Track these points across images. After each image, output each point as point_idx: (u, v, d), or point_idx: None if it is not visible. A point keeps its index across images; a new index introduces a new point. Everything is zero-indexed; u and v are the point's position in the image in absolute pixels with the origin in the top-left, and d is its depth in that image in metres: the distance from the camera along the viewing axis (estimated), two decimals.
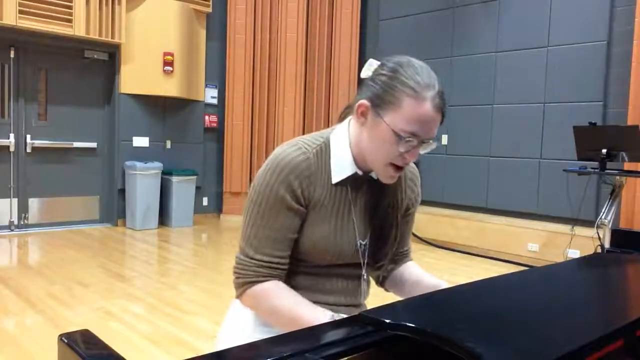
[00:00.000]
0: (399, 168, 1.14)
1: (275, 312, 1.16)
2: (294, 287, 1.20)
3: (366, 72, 1.16)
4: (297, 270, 1.22)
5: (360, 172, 1.20)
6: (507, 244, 5.50)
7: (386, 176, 1.16)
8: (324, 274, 1.23)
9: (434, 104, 1.08)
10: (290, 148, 1.16)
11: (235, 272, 1.19)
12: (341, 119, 1.26)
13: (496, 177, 5.85)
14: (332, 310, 1.18)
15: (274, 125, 7.23)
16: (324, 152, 1.18)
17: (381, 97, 1.10)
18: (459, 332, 0.73)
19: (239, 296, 1.20)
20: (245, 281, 1.17)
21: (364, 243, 1.24)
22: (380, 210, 1.25)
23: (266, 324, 1.23)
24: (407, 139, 1.08)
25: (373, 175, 1.22)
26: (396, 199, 1.27)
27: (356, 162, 1.19)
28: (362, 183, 1.23)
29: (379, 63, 1.15)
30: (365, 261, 1.25)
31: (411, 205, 1.34)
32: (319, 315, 1.12)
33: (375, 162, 1.15)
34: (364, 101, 1.13)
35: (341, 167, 1.18)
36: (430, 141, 1.12)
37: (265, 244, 1.15)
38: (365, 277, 1.28)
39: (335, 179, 1.18)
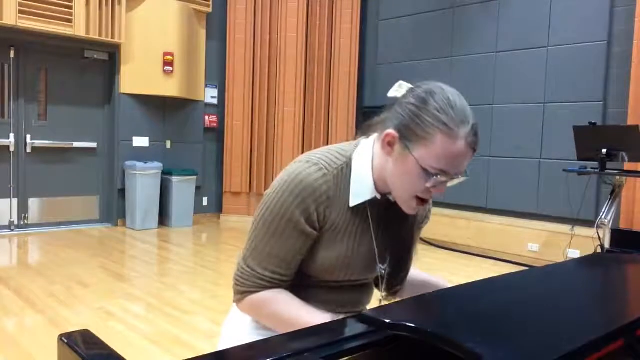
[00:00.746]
0: (423, 201, 1.11)
1: (275, 317, 1.15)
2: (302, 298, 1.18)
3: (394, 93, 1.11)
4: (306, 283, 1.20)
5: (379, 196, 1.16)
6: (507, 244, 5.50)
7: (409, 208, 1.12)
8: (336, 287, 1.21)
9: (467, 142, 1.01)
10: (312, 167, 1.11)
11: (235, 279, 1.17)
12: (361, 134, 1.21)
13: (496, 177, 5.85)
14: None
15: (274, 125, 7.22)
16: (344, 173, 1.14)
17: (411, 129, 1.04)
18: (459, 332, 0.73)
19: (237, 302, 1.19)
20: (245, 290, 1.15)
21: (383, 267, 1.21)
22: (397, 233, 1.22)
23: (266, 330, 1.22)
24: (436, 175, 1.04)
25: (391, 197, 1.17)
26: (413, 217, 1.24)
27: (376, 186, 1.15)
28: (380, 206, 1.19)
29: (409, 86, 1.10)
30: (384, 283, 1.23)
31: (421, 222, 1.32)
32: (319, 318, 1.11)
33: (399, 195, 1.11)
34: (391, 131, 1.07)
35: (361, 192, 1.14)
36: (460, 176, 1.06)
37: (271, 261, 1.13)
38: (382, 300, 1.26)
39: (352, 203, 1.14)
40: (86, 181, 6.45)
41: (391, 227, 1.22)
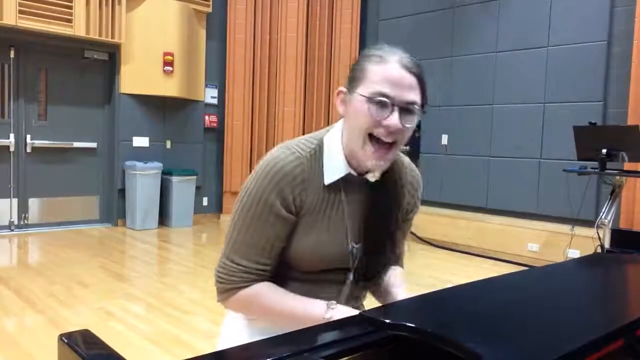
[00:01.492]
0: (381, 147, 1.08)
1: (268, 311, 1.14)
2: None
3: None
4: (288, 276, 1.19)
5: (354, 173, 1.16)
6: (507, 244, 5.49)
7: (370, 157, 1.09)
8: (315, 280, 1.19)
9: (400, 63, 1.06)
10: (285, 152, 1.13)
11: (218, 276, 1.15)
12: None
13: (496, 177, 5.85)
14: None
15: (274, 125, 7.22)
16: (318, 155, 1.15)
17: (352, 77, 1.11)
18: (459, 332, 0.73)
19: (222, 300, 1.17)
20: (230, 287, 1.14)
21: (356, 246, 1.19)
22: (375, 214, 1.19)
23: (264, 329, 1.20)
24: (379, 99, 1.05)
25: (369, 177, 1.16)
26: (395, 202, 1.21)
27: (350, 163, 1.15)
28: (357, 185, 1.17)
29: None
30: (355, 264, 1.20)
31: (410, 211, 1.28)
32: (313, 304, 1.11)
33: (355, 141, 1.10)
34: (340, 88, 1.14)
35: (334, 169, 1.14)
36: (414, 107, 1.06)
37: (252, 251, 1.12)
38: (352, 280, 1.21)
39: (327, 181, 1.14)
40: (86, 181, 6.45)
41: (369, 206, 1.19)
